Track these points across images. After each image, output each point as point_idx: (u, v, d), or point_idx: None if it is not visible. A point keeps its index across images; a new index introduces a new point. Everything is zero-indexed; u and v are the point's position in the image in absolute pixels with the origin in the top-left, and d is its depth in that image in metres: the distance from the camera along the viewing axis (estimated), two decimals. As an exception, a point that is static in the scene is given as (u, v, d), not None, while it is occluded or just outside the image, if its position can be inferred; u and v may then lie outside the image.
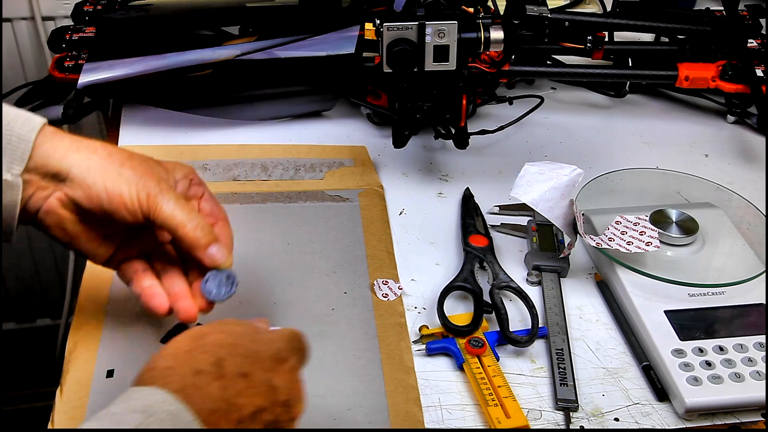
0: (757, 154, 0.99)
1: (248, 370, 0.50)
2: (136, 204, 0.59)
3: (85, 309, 0.70)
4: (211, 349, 0.51)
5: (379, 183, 0.89)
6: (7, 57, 1.33)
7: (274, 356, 0.53)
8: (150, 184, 0.59)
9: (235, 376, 0.50)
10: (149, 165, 0.61)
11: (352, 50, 0.93)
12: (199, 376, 0.48)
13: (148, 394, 0.47)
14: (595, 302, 0.77)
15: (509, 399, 0.64)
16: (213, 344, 0.51)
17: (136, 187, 0.59)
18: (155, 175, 0.61)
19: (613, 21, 0.98)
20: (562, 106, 1.08)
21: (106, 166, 0.59)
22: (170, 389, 0.47)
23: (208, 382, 0.48)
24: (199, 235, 0.60)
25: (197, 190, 0.66)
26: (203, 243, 0.61)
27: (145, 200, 0.59)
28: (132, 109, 0.99)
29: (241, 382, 0.50)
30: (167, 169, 0.63)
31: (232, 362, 0.50)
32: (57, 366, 0.67)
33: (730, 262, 0.78)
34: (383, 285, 0.75)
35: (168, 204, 0.60)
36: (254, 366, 0.51)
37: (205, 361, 0.50)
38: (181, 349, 0.51)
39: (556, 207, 0.74)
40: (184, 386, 0.47)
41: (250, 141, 0.95)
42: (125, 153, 0.61)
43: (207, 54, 0.94)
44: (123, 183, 0.59)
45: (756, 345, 0.69)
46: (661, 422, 0.66)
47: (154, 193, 0.59)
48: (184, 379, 0.48)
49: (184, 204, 0.61)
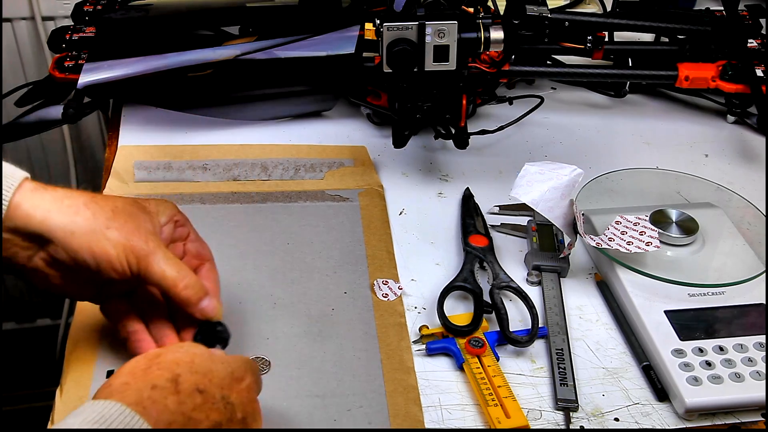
0: (757, 154, 0.99)
1: (205, 387, 0.51)
2: (125, 266, 0.58)
3: (85, 309, 0.70)
4: (167, 366, 0.51)
5: (379, 183, 0.89)
6: (7, 57, 1.33)
7: (230, 374, 0.54)
8: (138, 243, 0.59)
9: (192, 391, 0.50)
10: (135, 219, 0.60)
11: (352, 50, 0.93)
12: (156, 390, 0.49)
13: (104, 406, 0.47)
14: (595, 302, 0.77)
15: (509, 399, 0.64)
16: (170, 362, 0.52)
17: (124, 250, 0.58)
18: (142, 231, 0.60)
19: (613, 21, 0.98)
20: (562, 106, 1.08)
21: (90, 228, 0.57)
22: (126, 402, 0.47)
23: (164, 396, 0.49)
24: (191, 293, 0.60)
25: (182, 231, 0.66)
26: (194, 300, 0.61)
27: (135, 263, 0.59)
28: (132, 109, 0.99)
29: (198, 397, 0.50)
30: (151, 213, 0.63)
31: (189, 378, 0.51)
32: (57, 366, 0.67)
33: (730, 262, 0.78)
34: (383, 285, 0.75)
35: (158, 264, 0.59)
36: (211, 383, 0.52)
37: (162, 377, 0.50)
38: (138, 368, 0.51)
39: (556, 207, 0.74)
40: (141, 399, 0.48)
41: (250, 141, 0.95)
42: (109, 208, 0.59)
43: (207, 54, 0.94)
44: (110, 247, 0.57)
45: (756, 345, 0.69)
46: (661, 422, 0.66)
47: (144, 254, 0.59)
48: (140, 392, 0.48)
49: (174, 261, 0.60)
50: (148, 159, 0.90)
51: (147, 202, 0.64)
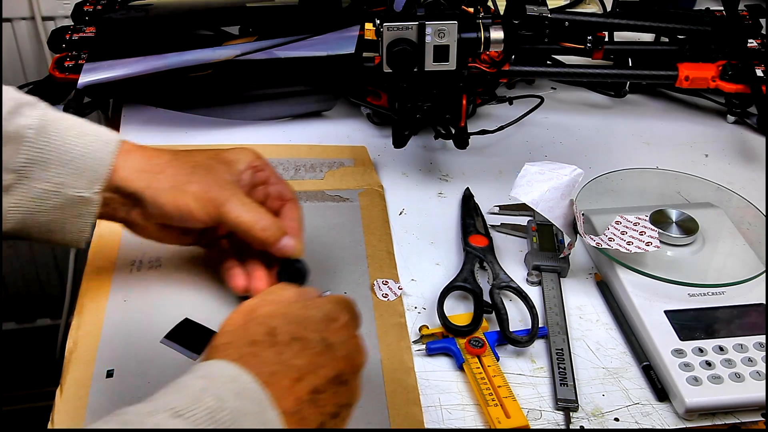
0: (757, 154, 0.99)
1: (301, 334, 0.53)
2: (205, 216, 0.65)
3: (85, 309, 0.70)
4: (263, 321, 0.54)
5: (379, 183, 0.89)
6: (7, 57, 1.33)
7: (325, 317, 0.55)
8: (215, 193, 0.65)
9: (289, 341, 0.52)
10: (213, 172, 0.67)
11: (352, 50, 0.93)
12: (254, 345, 0.51)
13: (209, 365, 0.50)
14: (595, 302, 0.77)
15: (509, 399, 0.64)
16: (265, 316, 0.54)
17: (203, 201, 0.65)
18: (219, 181, 0.66)
19: (613, 21, 0.98)
20: (562, 106, 1.08)
21: (173, 184, 0.65)
22: (229, 359, 0.50)
23: (262, 350, 0.51)
24: (268, 234, 0.66)
25: (262, 175, 0.71)
26: (272, 241, 0.66)
27: (213, 211, 0.65)
28: (132, 109, 0.99)
29: (295, 345, 0.52)
30: (229, 162, 0.68)
31: (285, 329, 0.53)
32: (57, 366, 0.67)
33: (730, 262, 0.78)
34: (383, 285, 0.75)
35: (235, 210, 0.65)
36: (307, 329, 0.53)
37: (258, 332, 0.52)
38: (236, 325, 0.54)
39: (556, 207, 0.74)
40: (242, 355, 0.50)
41: (250, 141, 0.95)
42: (189, 164, 0.66)
43: (207, 54, 0.94)
44: (190, 199, 0.65)
45: (756, 345, 0.69)
46: (661, 422, 0.66)
47: (221, 202, 0.65)
48: (240, 349, 0.51)
49: (250, 205, 0.66)
50: (148, 159, 0.90)
51: (227, 152, 0.70)
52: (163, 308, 0.71)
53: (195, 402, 0.45)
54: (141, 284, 0.72)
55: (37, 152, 0.62)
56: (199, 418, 0.44)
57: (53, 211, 0.63)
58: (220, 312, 0.71)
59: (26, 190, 0.62)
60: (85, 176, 0.63)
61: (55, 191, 0.63)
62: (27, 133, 0.61)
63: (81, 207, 0.64)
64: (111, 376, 0.64)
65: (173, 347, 0.67)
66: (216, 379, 0.48)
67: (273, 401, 0.48)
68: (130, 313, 0.70)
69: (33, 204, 0.62)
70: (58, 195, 0.63)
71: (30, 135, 0.61)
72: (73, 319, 0.70)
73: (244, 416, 0.46)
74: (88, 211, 0.64)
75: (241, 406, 0.46)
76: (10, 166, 0.61)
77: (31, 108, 0.62)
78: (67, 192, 0.63)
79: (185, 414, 0.44)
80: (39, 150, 0.62)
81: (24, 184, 0.62)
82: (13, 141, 0.61)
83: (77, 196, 0.63)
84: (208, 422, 0.44)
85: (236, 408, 0.46)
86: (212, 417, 0.45)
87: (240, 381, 0.48)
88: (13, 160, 0.61)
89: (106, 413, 0.61)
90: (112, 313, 0.70)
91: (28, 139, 0.61)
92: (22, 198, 0.62)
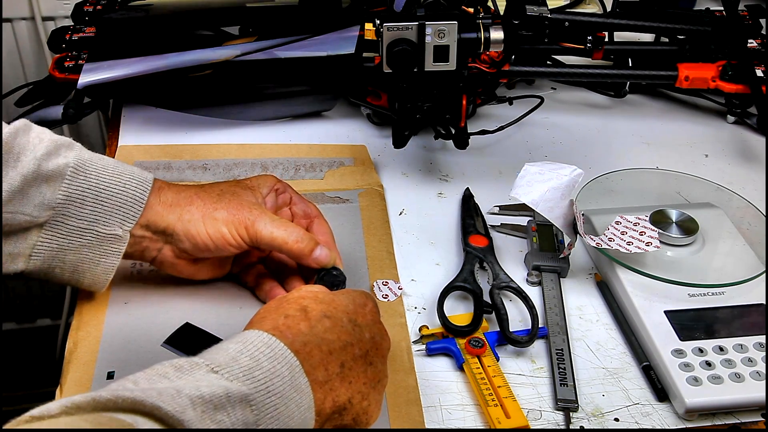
0: (757, 154, 0.99)
1: (331, 313, 0.56)
2: (238, 239, 0.67)
3: (85, 309, 0.70)
4: (295, 300, 0.57)
5: (380, 183, 0.89)
6: (7, 57, 1.33)
7: (353, 302, 0.59)
8: (244, 215, 0.67)
9: (321, 317, 0.55)
10: (238, 197, 0.69)
11: (352, 50, 0.93)
12: (288, 318, 0.54)
13: (244, 334, 0.52)
14: (595, 302, 0.77)
15: (509, 399, 0.64)
16: (296, 297, 0.57)
17: (233, 224, 0.67)
18: (245, 204, 0.68)
19: (613, 21, 0.98)
20: (562, 106, 1.08)
21: (203, 214, 0.67)
22: (264, 329, 0.53)
23: (297, 322, 0.54)
24: (302, 245, 0.67)
25: (285, 197, 0.74)
26: (307, 252, 0.68)
27: (245, 233, 0.67)
28: (132, 109, 0.99)
29: (326, 321, 0.55)
30: (252, 188, 0.71)
31: (316, 307, 0.56)
32: (57, 366, 0.67)
33: (730, 262, 0.78)
34: (383, 286, 0.75)
35: (265, 228, 0.67)
36: (336, 309, 0.57)
37: (291, 308, 0.56)
38: (270, 307, 0.57)
39: (556, 207, 0.74)
40: (277, 326, 0.53)
41: (250, 141, 0.95)
42: (215, 193, 0.69)
43: (207, 54, 0.94)
44: (221, 225, 0.66)
45: (756, 345, 0.69)
46: (661, 422, 0.66)
47: (251, 223, 0.67)
48: (275, 321, 0.54)
49: (280, 221, 0.68)
50: (148, 159, 0.90)
51: (248, 179, 0.72)
52: (164, 312, 0.71)
53: (232, 360, 0.49)
54: (141, 287, 0.72)
55: (75, 190, 0.64)
56: (235, 375, 0.47)
57: (82, 249, 0.65)
58: (221, 316, 0.71)
59: (60, 226, 0.64)
60: (119, 214, 0.65)
61: (89, 228, 0.64)
62: (67, 172, 0.63)
63: (110, 245, 0.65)
64: (112, 377, 0.64)
65: (173, 352, 0.67)
66: (251, 343, 0.51)
67: (304, 369, 0.51)
68: (130, 315, 0.70)
69: (65, 241, 0.64)
70: (90, 232, 0.65)
71: (69, 173, 0.63)
72: (73, 319, 0.70)
73: (277, 377, 0.49)
74: (117, 249, 0.66)
75: (275, 369, 0.49)
76: (49, 203, 0.63)
77: (67, 149, 0.65)
78: (100, 229, 0.65)
79: (222, 371, 0.47)
80: (77, 188, 0.64)
81: (60, 220, 0.64)
82: (53, 179, 0.63)
83: (109, 233, 0.65)
84: (243, 379, 0.48)
85: (270, 369, 0.49)
86: (248, 375, 0.48)
87: (274, 347, 0.51)
88: (52, 198, 0.63)
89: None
90: (112, 316, 0.70)
91: (68, 178, 0.63)
92: (55, 234, 0.64)
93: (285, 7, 1.06)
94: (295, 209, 0.74)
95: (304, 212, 0.74)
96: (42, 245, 0.64)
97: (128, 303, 0.71)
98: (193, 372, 0.47)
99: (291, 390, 0.49)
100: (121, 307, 0.71)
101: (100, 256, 0.66)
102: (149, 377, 0.46)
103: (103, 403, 0.42)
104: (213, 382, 0.46)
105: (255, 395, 0.47)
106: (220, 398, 0.45)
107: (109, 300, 0.71)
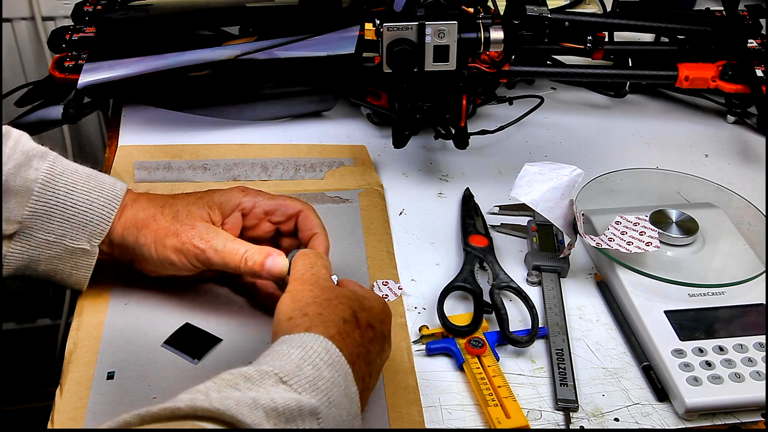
0: (757, 154, 0.99)
1: (373, 322, 0.59)
2: (189, 266, 0.66)
3: (85, 309, 0.70)
4: (345, 301, 0.58)
5: (380, 183, 0.89)
6: (7, 57, 1.33)
7: (383, 310, 0.61)
8: (195, 243, 0.66)
9: (367, 326, 0.58)
10: (192, 218, 0.67)
11: (352, 50, 0.93)
12: (346, 324, 0.56)
13: (301, 337, 0.54)
14: (595, 302, 0.77)
15: (509, 399, 0.64)
16: (343, 297, 0.59)
17: (183, 253, 0.66)
18: (197, 229, 0.66)
19: (613, 21, 0.98)
20: (562, 106, 1.08)
21: (154, 239, 0.66)
22: (326, 335, 0.54)
23: (352, 330, 0.56)
24: (251, 264, 0.65)
25: (256, 212, 0.70)
26: (257, 268, 0.65)
27: (195, 260, 0.66)
28: (132, 109, 0.99)
29: (370, 331, 0.58)
30: (212, 207, 0.68)
31: (363, 315, 0.58)
32: (57, 366, 0.67)
33: (730, 262, 0.78)
34: (383, 286, 0.75)
35: (216, 255, 0.65)
36: (375, 319, 0.59)
37: (346, 311, 0.57)
38: (321, 297, 0.58)
39: (556, 207, 0.74)
40: (339, 332, 0.55)
41: (250, 141, 0.95)
42: (170, 214, 0.67)
43: (207, 54, 0.94)
44: (170, 252, 0.66)
45: (756, 345, 0.69)
46: (661, 422, 0.66)
47: (201, 251, 0.65)
48: (336, 325, 0.55)
49: (231, 245, 0.66)
50: (148, 159, 0.90)
51: (215, 194, 0.70)
52: (164, 312, 0.71)
53: (297, 369, 0.51)
54: (142, 287, 0.72)
55: (42, 206, 0.64)
56: (303, 387, 0.50)
57: (53, 260, 0.66)
58: (221, 317, 0.71)
59: (28, 239, 0.64)
60: (86, 230, 0.66)
61: (56, 242, 0.65)
62: (34, 187, 0.64)
63: (80, 258, 0.67)
64: (111, 378, 0.64)
65: (174, 352, 0.67)
66: (311, 349, 0.52)
67: (354, 378, 0.54)
68: (130, 316, 0.70)
69: (35, 252, 0.65)
70: (58, 246, 0.65)
71: (36, 189, 0.64)
72: (73, 320, 0.70)
73: (336, 387, 0.52)
74: (87, 262, 0.67)
75: (334, 378, 0.52)
76: (16, 217, 0.63)
77: (40, 160, 0.65)
78: (68, 243, 0.66)
79: (290, 381, 0.50)
80: (44, 204, 0.64)
81: (26, 234, 0.64)
82: (20, 194, 0.63)
83: (77, 248, 0.66)
84: (310, 390, 0.50)
85: (330, 378, 0.51)
86: (313, 385, 0.50)
87: (332, 353, 0.53)
88: (19, 212, 0.63)
89: (106, 414, 0.62)
90: (112, 316, 0.70)
91: (35, 194, 0.64)
92: (24, 246, 0.65)
93: (285, 7, 1.06)
94: (274, 219, 0.71)
95: (285, 215, 0.71)
96: (12, 256, 0.65)
97: (128, 303, 0.71)
98: (264, 382, 0.49)
99: (345, 399, 0.52)
100: (121, 307, 0.71)
101: (71, 268, 0.67)
102: (219, 388, 0.47)
103: (182, 416, 0.44)
104: (284, 395, 0.48)
105: (320, 407, 0.49)
106: (292, 411, 0.48)
107: (109, 300, 0.71)
